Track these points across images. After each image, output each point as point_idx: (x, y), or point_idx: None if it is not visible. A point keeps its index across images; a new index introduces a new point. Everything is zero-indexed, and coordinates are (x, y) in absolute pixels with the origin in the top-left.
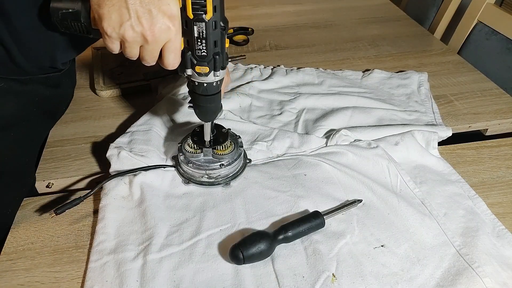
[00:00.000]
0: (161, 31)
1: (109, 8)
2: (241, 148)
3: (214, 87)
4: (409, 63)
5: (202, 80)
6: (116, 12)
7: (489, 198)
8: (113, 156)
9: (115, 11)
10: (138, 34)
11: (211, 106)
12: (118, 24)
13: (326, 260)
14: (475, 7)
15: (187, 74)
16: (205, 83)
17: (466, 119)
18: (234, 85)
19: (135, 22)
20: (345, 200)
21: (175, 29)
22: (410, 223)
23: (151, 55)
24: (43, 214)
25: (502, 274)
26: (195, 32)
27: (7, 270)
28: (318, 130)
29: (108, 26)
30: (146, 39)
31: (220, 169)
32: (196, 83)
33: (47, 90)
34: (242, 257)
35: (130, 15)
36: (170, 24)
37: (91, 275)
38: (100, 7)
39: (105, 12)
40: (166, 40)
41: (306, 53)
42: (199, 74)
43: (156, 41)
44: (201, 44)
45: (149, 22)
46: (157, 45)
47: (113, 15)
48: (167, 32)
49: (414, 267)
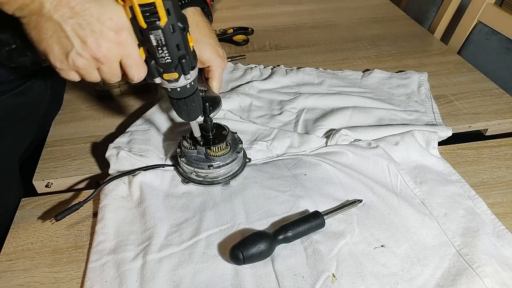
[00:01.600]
0: (110, 48)
1: (48, 42)
2: (238, 154)
3: (188, 89)
4: (409, 63)
5: (174, 86)
6: (57, 44)
7: (489, 198)
8: (112, 156)
9: (55, 43)
10: (88, 59)
11: (191, 106)
12: (64, 56)
13: (326, 260)
14: (475, 7)
15: (157, 83)
16: (178, 87)
17: (466, 119)
18: (234, 85)
19: (80, 48)
20: (345, 200)
21: (126, 43)
22: (410, 223)
23: (112, 74)
24: (42, 214)
25: (502, 274)
26: (153, 41)
27: (7, 270)
28: (318, 130)
29: (55, 59)
30: (99, 61)
31: (207, 170)
32: (169, 89)
33: (15, 99)
34: (242, 257)
35: (72, 43)
36: (119, 39)
37: (91, 275)
38: (39, 44)
39: (46, 47)
40: (120, 56)
41: (306, 53)
42: (169, 81)
43: (109, 60)
44: (163, 51)
45: (95, 43)
46: (113, 63)
47: (55, 48)
48: (118, 47)
49: (414, 267)
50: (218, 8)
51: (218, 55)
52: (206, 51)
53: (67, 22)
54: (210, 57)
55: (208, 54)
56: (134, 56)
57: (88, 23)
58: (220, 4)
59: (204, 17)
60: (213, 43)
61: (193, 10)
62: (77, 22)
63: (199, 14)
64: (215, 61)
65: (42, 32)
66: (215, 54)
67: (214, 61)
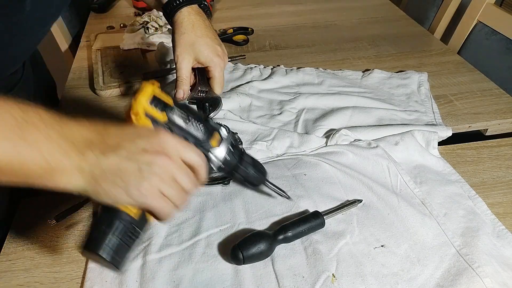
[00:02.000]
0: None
1: (116, 190)
2: None
3: (229, 160)
4: (409, 63)
5: (216, 163)
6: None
7: (489, 198)
8: None
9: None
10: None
11: (248, 174)
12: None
13: (326, 260)
14: (475, 7)
15: (214, 168)
16: (220, 162)
17: (466, 119)
18: (234, 85)
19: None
20: (345, 200)
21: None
22: (410, 223)
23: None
24: (42, 214)
25: (502, 274)
26: (178, 119)
27: (7, 270)
28: (318, 130)
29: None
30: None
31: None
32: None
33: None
34: (242, 257)
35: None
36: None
37: (91, 275)
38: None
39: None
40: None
41: (306, 53)
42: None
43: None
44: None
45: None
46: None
47: (131, 188)
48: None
49: (414, 267)
50: (218, 8)
51: (217, 54)
52: (203, 52)
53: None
54: (207, 58)
55: (206, 54)
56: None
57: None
58: (220, 4)
59: (200, 15)
60: (210, 42)
61: (189, 9)
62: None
63: (195, 13)
64: (213, 61)
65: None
66: (213, 53)
67: (212, 61)
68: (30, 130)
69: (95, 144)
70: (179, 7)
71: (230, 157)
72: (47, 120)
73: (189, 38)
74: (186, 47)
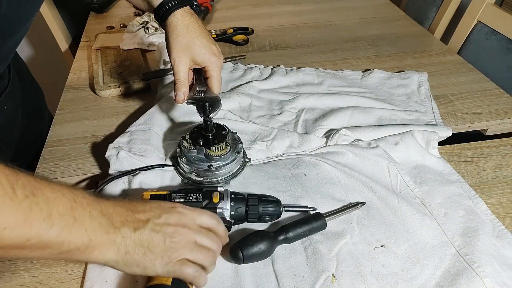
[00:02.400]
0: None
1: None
2: (238, 154)
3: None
4: (409, 63)
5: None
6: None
7: (489, 198)
8: (112, 156)
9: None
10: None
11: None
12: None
13: (326, 260)
14: (475, 7)
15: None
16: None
17: (466, 119)
18: (234, 85)
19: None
20: (345, 200)
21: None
22: (410, 223)
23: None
24: None
25: (502, 274)
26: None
27: (7, 270)
28: (318, 130)
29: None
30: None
31: (207, 170)
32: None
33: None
34: (242, 256)
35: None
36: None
37: (91, 275)
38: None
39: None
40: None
41: (306, 53)
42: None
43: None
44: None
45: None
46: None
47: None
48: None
49: (414, 267)
50: (218, 8)
51: (213, 53)
52: (199, 53)
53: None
54: (204, 58)
55: (202, 55)
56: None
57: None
58: (220, 4)
59: (193, 16)
60: (205, 42)
61: (182, 12)
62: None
63: (188, 15)
64: (210, 61)
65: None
66: (209, 53)
67: (209, 61)
68: (79, 210)
69: (128, 221)
70: (172, 10)
71: (235, 201)
72: (90, 199)
73: (184, 41)
74: (182, 50)
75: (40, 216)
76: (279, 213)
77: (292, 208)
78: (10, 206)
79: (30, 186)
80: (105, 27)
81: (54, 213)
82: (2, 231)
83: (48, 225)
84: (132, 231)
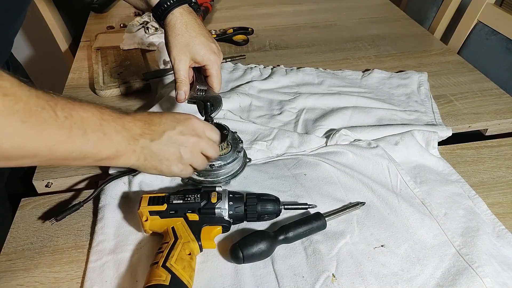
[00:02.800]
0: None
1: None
2: (239, 153)
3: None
4: (409, 63)
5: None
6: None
7: (489, 198)
8: None
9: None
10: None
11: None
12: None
13: (326, 260)
14: (475, 7)
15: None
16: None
17: (466, 119)
18: (234, 85)
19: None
20: (345, 200)
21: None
22: (410, 223)
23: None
24: (42, 214)
25: (502, 274)
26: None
27: (7, 270)
28: (318, 129)
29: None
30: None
31: (209, 169)
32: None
33: None
34: (242, 256)
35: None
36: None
37: (91, 275)
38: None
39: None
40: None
41: (306, 53)
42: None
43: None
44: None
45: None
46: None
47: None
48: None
49: (414, 267)
50: (218, 8)
51: (212, 52)
52: (199, 52)
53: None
54: (203, 57)
55: (202, 53)
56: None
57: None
58: (220, 4)
59: (192, 14)
60: (204, 41)
61: (180, 10)
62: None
63: (186, 13)
64: (209, 59)
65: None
66: (209, 52)
67: (209, 59)
68: (106, 127)
69: (146, 133)
70: (170, 9)
71: (234, 200)
72: (113, 116)
73: (184, 39)
74: (181, 48)
75: (78, 133)
76: (278, 211)
77: (291, 205)
78: (55, 126)
79: (67, 108)
80: (105, 27)
81: (88, 131)
82: (53, 147)
83: (85, 140)
84: (149, 141)
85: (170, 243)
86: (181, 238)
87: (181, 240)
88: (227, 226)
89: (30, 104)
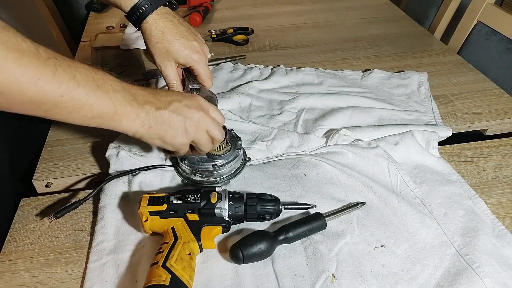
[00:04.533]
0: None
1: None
2: (239, 151)
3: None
4: (409, 63)
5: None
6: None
7: (489, 198)
8: (112, 156)
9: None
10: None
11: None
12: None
13: (326, 260)
14: (475, 7)
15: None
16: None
17: (466, 119)
18: (234, 85)
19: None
20: (345, 200)
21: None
22: (410, 223)
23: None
24: (42, 214)
25: (502, 274)
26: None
27: (6, 270)
28: (318, 130)
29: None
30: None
31: (212, 169)
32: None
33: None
34: (242, 256)
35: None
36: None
37: (91, 275)
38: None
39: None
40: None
41: (306, 53)
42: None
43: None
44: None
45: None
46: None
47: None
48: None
49: (414, 267)
50: (218, 8)
51: (195, 51)
52: (181, 55)
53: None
54: (186, 59)
55: (184, 56)
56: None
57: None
58: (220, 4)
59: (167, 17)
60: (184, 42)
61: (154, 17)
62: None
63: (160, 18)
64: (193, 60)
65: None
66: (191, 52)
67: (193, 59)
68: (101, 81)
69: (151, 101)
70: (144, 17)
71: (233, 200)
72: (111, 77)
73: (163, 46)
74: (163, 55)
75: (65, 76)
76: (278, 211)
77: (291, 206)
78: (37, 61)
79: (52, 52)
80: (105, 27)
81: (77, 76)
82: (37, 82)
83: (75, 84)
84: (154, 109)
85: (170, 243)
86: (181, 238)
87: (181, 240)
88: (227, 226)
89: (7, 35)
